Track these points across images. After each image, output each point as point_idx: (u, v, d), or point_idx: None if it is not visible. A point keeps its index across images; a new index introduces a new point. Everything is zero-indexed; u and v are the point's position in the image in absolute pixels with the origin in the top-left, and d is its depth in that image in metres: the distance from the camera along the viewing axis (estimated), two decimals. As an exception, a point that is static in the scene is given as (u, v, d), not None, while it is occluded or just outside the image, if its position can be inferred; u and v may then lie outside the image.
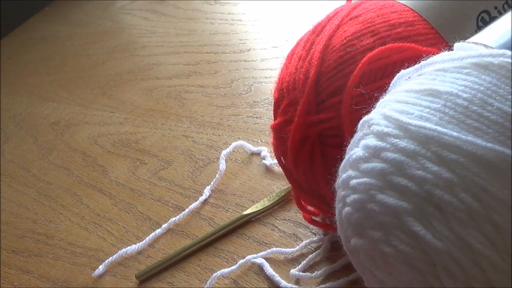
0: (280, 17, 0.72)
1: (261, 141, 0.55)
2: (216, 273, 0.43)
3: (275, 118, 0.40)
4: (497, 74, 0.26)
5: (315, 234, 0.44)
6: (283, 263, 0.43)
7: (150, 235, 0.49)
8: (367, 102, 0.31)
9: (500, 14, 0.37)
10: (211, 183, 0.52)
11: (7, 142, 0.72)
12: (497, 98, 0.25)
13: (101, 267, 0.48)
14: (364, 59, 0.35)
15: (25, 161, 0.67)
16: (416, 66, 0.29)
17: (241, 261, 0.43)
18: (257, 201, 0.48)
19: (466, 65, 0.27)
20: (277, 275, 0.42)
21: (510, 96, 0.25)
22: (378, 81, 0.35)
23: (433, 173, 0.25)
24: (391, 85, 0.31)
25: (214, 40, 0.74)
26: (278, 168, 0.50)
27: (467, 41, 0.29)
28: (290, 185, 0.42)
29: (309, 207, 0.43)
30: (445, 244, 0.24)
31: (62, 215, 0.57)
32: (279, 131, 0.39)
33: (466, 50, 0.28)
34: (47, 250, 0.53)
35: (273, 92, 0.40)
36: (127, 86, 0.72)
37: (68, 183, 0.61)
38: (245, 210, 0.48)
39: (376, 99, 0.30)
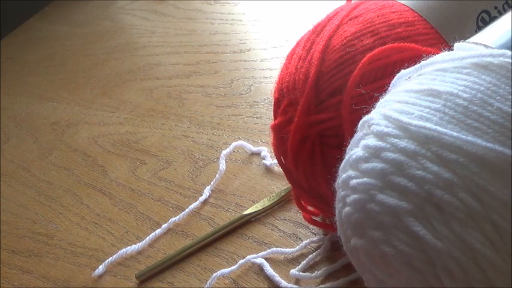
0: (280, 17, 0.72)
1: (261, 141, 0.55)
2: (216, 273, 0.43)
3: (275, 118, 0.40)
4: (497, 74, 0.26)
5: (315, 234, 0.44)
6: (283, 263, 0.43)
7: (150, 235, 0.49)
8: (367, 102, 0.31)
9: (500, 14, 0.37)
10: (211, 183, 0.52)
11: (7, 142, 0.72)
12: (497, 98, 0.25)
13: (101, 267, 0.48)
14: (364, 59, 0.35)
15: (25, 161, 0.67)
16: (416, 66, 0.29)
17: (241, 261, 0.43)
18: (257, 201, 0.48)
19: (466, 65, 0.27)
20: (277, 275, 0.42)
21: (510, 96, 0.25)
22: (378, 81, 0.35)
23: (433, 173, 0.25)
24: (391, 85, 0.31)
25: (214, 40, 0.74)
26: (278, 168, 0.50)
27: (467, 41, 0.29)
28: (290, 185, 0.42)
29: (309, 207, 0.43)
30: (445, 244, 0.24)
31: (62, 215, 0.57)
32: (279, 131, 0.39)
33: (466, 50, 0.28)
34: (47, 250, 0.53)
35: (273, 92, 0.40)
36: (127, 86, 0.72)
37: (68, 183, 0.61)
38: (245, 210, 0.48)
39: (376, 99, 0.30)
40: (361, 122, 0.29)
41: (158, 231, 0.50)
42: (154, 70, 0.73)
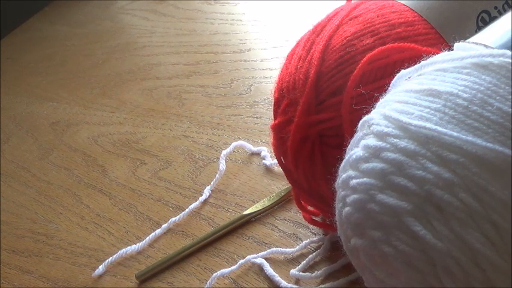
0: (280, 17, 0.72)
1: (261, 141, 0.55)
2: (216, 273, 0.43)
3: (275, 118, 0.40)
4: (497, 74, 0.26)
5: (315, 234, 0.44)
6: (283, 263, 0.43)
7: (150, 235, 0.49)
8: (367, 102, 0.31)
9: (500, 14, 0.37)
10: (211, 183, 0.52)
11: (7, 142, 0.72)
12: (497, 98, 0.25)
13: (101, 267, 0.48)
14: (364, 59, 0.35)
15: (25, 161, 0.67)
16: (416, 66, 0.29)
17: (241, 261, 0.43)
18: (257, 201, 0.48)
19: (466, 65, 0.27)
20: (277, 275, 0.42)
21: (510, 96, 0.25)
22: (378, 81, 0.35)
23: (433, 173, 0.25)
24: (391, 85, 0.31)
25: (214, 40, 0.74)
26: (278, 168, 0.50)
27: (467, 41, 0.29)
28: (290, 185, 0.42)
29: (309, 207, 0.43)
30: (445, 244, 0.24)
31: (62, 215, 0.57)
32: (279, 131, 0.39)
33: (466, 50, 0.28)
34: (47, 250, 0.53)
35: (273, 92, 0.40)
36: (127, 86, 0.72)
37: (68, 183, 0.61)
38: (245, 210, 0.48)
39: (376, 99, 0.30)
40: (361, 122, 0.29)
41: (158, 231, 0.50)
42: (154, 70, 0.73)
